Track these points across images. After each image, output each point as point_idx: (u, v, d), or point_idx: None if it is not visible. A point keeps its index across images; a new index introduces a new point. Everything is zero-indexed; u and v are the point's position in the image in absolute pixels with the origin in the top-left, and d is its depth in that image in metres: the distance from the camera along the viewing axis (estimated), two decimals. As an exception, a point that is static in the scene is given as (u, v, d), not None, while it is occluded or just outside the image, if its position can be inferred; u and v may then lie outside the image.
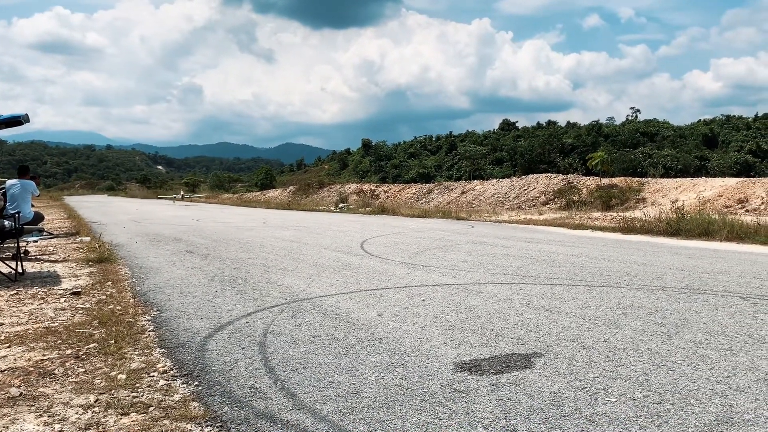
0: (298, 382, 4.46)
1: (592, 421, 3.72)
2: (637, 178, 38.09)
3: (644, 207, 29.07)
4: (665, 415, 3.81)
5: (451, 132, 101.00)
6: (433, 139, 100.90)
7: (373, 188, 53.28)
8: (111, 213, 31.67)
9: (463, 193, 44.13)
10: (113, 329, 5.89)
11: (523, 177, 44.49)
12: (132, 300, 7.48)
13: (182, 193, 69.73)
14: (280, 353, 5.19)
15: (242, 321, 6.39)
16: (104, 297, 7.62)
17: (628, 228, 18.85)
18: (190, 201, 57.61)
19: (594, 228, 20.48)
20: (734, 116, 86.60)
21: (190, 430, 3.67)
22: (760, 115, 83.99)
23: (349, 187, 56.07)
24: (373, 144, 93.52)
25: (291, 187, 67.71)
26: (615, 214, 25.15)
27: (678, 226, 17.02)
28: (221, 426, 3.72)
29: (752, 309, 6.85)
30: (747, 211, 25.91)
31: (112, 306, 7.04)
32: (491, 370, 4.70)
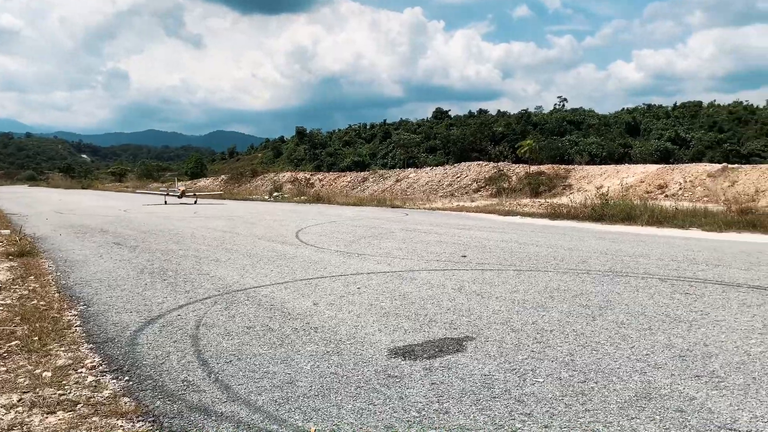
0: (232, 373, 4.43)
1: (521, 401, 3.87)
2: (564, 166, 39.30)
3: (571, 193, 30.07)
4: (589, 393, 3.99)
5: (385, 120, 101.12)
6: (368, 127, 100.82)
7: (308, 177, 52.93)
8: (32, 204, 30.25)
9: (397, 181, 44.44)
10: (37, 325, 5.67)
11: (455, 165, 45.17)
12: (57, 295, 7.21)
13: (180, 185, 40.27)
14: (213, 345, 5.13)
15: (174, 314, 6.27)
16: (26, 292, 7.31)
17: (555, 214, 19.47)
18: (196, 197, 33.51)
19: (523, 214, 21.06)
20: (655, 105, 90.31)
21: (121, 426, 3.60)
22: (678, 104, 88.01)
23: (284, 176, 55.53)
24: (307, 132, 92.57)
25: (223, 176, 66.46)
26: (543, 201, 25.92)
27: (602, 212, 17.72)
28: (153, 421, 3.66)
29: (670, 290, 7.23)
30: (666, 196, 27.21)
31: (35, 301, 6.77)
32: (424, 355, 4.80)
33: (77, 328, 5.73)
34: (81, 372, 4.48)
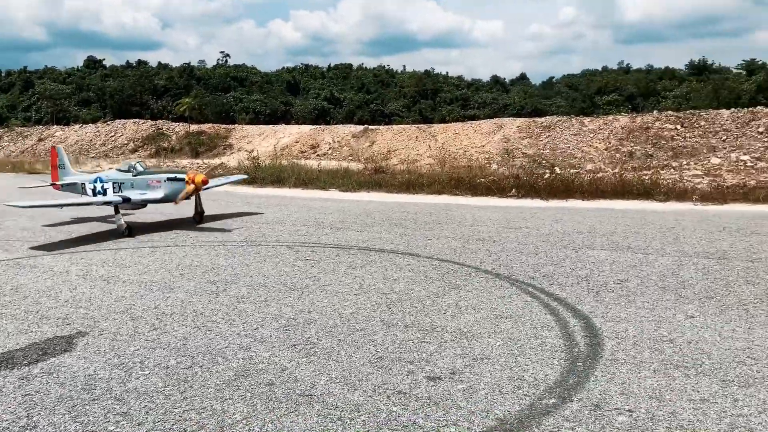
0: None
1: (121, 399, 3.87)
2: (225, 125, 39.37)
3: (231, 153, 30.45)
4: (192, 379, 4.17)
5: (25, 67, 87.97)
6: (3, 74, 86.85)
7: None
8: None
9: (40, 140, 39.43)
10: None
11: (109, 123, 41.86)
12: None
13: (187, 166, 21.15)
14: None
15: None
16: None
17: (211, 176, 19.51)
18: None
19: (180, 178, 20.63)
20: (312, 66, 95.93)
21: None
22: (332, 65, 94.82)
23: None
24: None
25: None
26: (202, 162, 25.75)
27: (255, 174, 18.36)
28: None
29: (293, 257, 7.89)
30: (318, 156, 29.32)
31: None
32: (25, 362, 4.47)
33: None
34: None
